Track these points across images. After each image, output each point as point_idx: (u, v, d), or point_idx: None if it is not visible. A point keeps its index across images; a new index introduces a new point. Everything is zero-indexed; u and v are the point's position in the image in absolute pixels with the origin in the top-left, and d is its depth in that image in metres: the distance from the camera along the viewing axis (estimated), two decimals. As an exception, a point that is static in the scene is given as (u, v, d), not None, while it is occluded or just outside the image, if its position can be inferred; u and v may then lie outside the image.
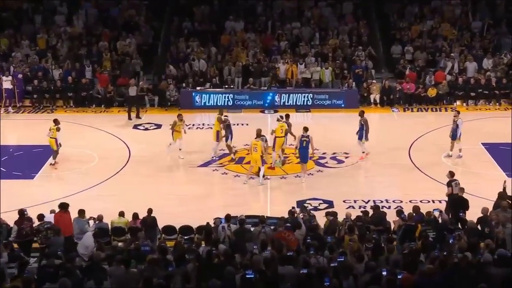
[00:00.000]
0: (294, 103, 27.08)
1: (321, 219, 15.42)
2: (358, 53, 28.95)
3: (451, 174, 16.76)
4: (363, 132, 20.73)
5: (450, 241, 13.13)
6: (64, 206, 14.98)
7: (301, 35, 30.54)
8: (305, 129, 19.59)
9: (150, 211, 15.28)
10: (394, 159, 21.20)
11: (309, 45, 29.77)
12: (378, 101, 27.32)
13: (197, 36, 30.28)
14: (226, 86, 27.89)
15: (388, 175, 20.40)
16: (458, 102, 27.37)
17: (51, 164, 20.79)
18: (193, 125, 25.16)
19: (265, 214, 15.87)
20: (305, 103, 27.07)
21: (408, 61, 28.92)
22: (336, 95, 27.19)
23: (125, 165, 21.14)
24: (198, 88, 27.58)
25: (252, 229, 14.30)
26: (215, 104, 27.04)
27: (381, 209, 16.06)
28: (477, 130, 23.65)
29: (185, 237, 15.15)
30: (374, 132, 23.75)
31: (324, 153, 21.37)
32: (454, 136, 20.99)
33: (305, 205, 17.22)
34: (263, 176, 19.49)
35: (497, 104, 27.29)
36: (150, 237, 14.54)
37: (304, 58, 28.71)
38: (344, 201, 18.11)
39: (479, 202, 16.05)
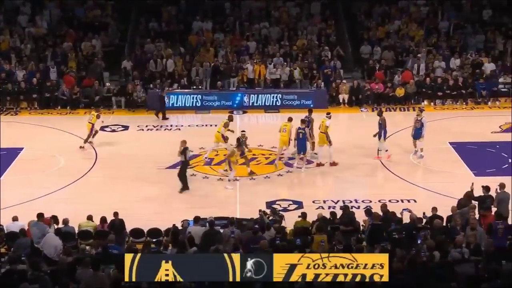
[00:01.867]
0: (263, 104, 26.99)
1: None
2: (325, 53, 28.98)
3: None
4: (381, 131, 20.73)
5: (418, 241, 13.15)
6: (55, 219, 14.63)
7: (269, 35, 30.46)
8: (302, 121, 20.28)
9: (116, 214, 15.05)
10: (363, 159, 21.20)
11: (277, 45, 29.70)
12: (346, 101, 27.36)
13: (164, 37, 30.00)
14: (194, 87, 27.66)
15: (357, 175, 20.39)
16: (425, 102, 27.56)
17: (81, 146, 21.90)
18: (161, 126, 24.98)
19: (234, 216, 15.72)
20: (274, 104, 26.99)
21: (376, 61, 29.05)
22: (305, 96, 27.15)
23: (92, 167, 20.80)
24: (166, 89, 27.30)
25: (221, 230, 14.18)
26: (183, 105, 26.81)
27: (350, 209, 16.04)
28: (444, 129, 23.84)
29: (154, 240, 14.93)
30: (343, 132, 23.88)
31: (293, 154, 21.26)
32: (417, 135, 20.98)
33: (275, 206, 17.13)
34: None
35: (464, 103, 27.55)
36: (118, 240, 14.29)
37: (272, 58, 28.64)
38: (313, 202, 18.05)
39: (448, 201, 16.09)
